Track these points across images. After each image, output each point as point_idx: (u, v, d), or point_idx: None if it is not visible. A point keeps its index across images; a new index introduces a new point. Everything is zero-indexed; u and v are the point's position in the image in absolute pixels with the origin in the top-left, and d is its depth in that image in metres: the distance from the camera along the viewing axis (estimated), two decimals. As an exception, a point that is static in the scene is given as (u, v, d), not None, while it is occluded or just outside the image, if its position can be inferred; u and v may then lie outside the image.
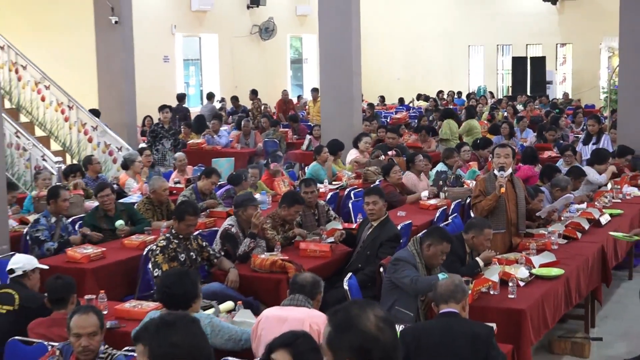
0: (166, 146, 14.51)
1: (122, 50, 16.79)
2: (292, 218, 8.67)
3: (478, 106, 22.04)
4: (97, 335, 5.11)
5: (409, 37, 30.30)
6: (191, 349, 2.79)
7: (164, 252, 7.44)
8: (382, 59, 28.56)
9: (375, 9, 26.26)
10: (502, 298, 6.53)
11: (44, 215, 8.95)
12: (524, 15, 29.00)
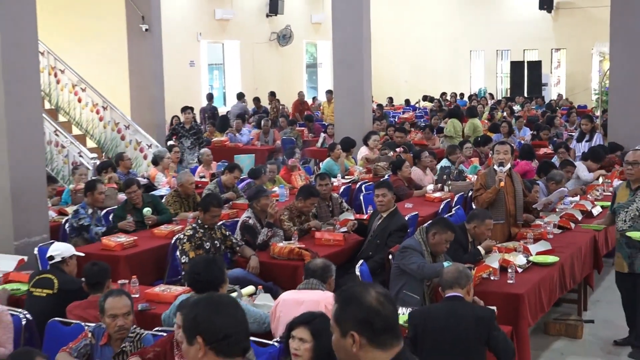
0: (185, 145, 14.50)
1: (151, 56, 16.82)
2: (308, 210, 8.68)
3: (479, 107, 21.97)
4: (130, 315, 5.17)
5: (415, 43, 30.26)
6: (237, 324, 2.80)
7: (191, 241, 7.48)
8: (391, 63, 28.50)
9: (384, 18, 26.18)
10: (502, 283, 6.53)
11: (81, 206, 8.99)
12: (522, 22, 28.94)
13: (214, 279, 5.67)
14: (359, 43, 14.71)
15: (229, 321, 2.79)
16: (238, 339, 2.78)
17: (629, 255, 6.79)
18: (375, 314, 2.72)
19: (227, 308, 2.83)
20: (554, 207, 9.35)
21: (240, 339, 2.79)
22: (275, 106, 22.76)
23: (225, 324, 2.77)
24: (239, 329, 2.80)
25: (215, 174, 11.91)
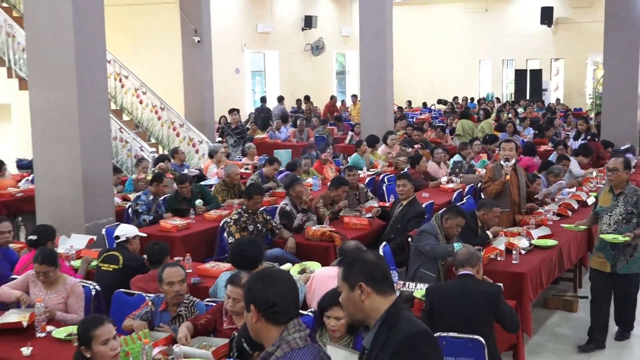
0: (229, 142, 14.58)
1: (202, 64, 16.89)
2: (339, 198, 8.66)
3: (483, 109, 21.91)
4: (185, 283, 5.21)
5: (431, 53, 30.17)
6: (284, 295, 2.92)
7: (237, 224, 7.53)
8: (410, 71, 28.38)
9: (404, 31, 26.09)
10: (507, 263, 6.55)
11: (144, 193, 9.06)
12: (525, 35, 28.77)
13: (254, 257, 5.74)
14: (382, 53, 14.67)
15: (277, 292, 2.88)
16: (284, 308, 2.87)
17: (613, 257, 6.43)
18: (375, 267, 2.96)
19: (277, 281, 2.93)
20: (553, 197, 9.31)
21: (287, 308, 2.88)
22: (309, 108, 22.82)
23: (273, 295, 2.86)
24: (286, 299, 2.89)
25: (257, 166, 11.97)
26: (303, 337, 2.90)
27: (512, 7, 29.64)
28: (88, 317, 4.34)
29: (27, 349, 4.85)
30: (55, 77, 8.16)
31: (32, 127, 8.47)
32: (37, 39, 8.27)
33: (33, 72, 8.45)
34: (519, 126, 17.06)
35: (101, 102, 8.51)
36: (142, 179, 10.72)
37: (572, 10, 28.24)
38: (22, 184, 11.11)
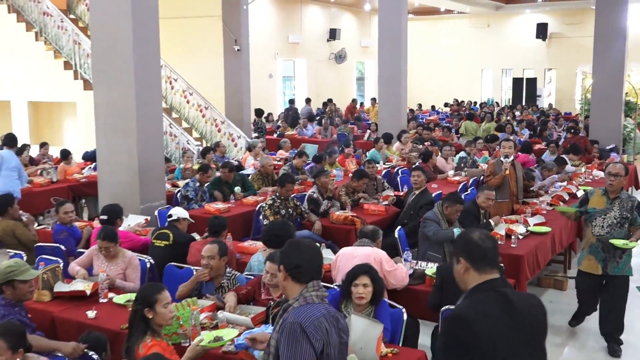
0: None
1: (241, 69, 16.92)
2: (360, 188, 8.64)
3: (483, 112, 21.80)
4: (214, 259, 5.12)
5: (440, 62, 30.05)
6: (307, 260, 3.11)
7: (271, 208, 7.55)
8: (421, 77, 28.15)
9: (417, 42, 25.87)
10: (507, 247, 6.51)
11: (192, 180, 9.08)
12: (522, 48, 28.61)
13: (286, 237, 5.71)
14: (398, 62, 14.63)
15: (302, 256, 3.08)
16: (307, 270, 3.06)
17: (603, 259, 5.97)
18: (475, 246, 2.88)
19: (304, 248, 3.16)
20: (547, 190, 9.25)
21: (309, 270, 3.06)
22: (332, 109, 22.79)
23: (299, 258, 3.07)
24: (310, 263, 3.08)
25: (288, 159, 11.98)
26: (319, 296, 3.04)
27: (511, 23, 29.43)
28: (151, 283, 4.38)
29: (92, 312, 4.90)
30: (116, 79, 8.21)
31: (96, 122, 8.53)
32: (101, 46, 8.32)
33: (97, 74, 8.50)
34: (517, 127, 16.92)
35: (155, 101, 8.54)
36: (189, 168, 10.80)
37: (564, 26, 28.00)
38: (85, 171, 11.23)
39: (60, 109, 17.16)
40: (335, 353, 2.97)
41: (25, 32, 15.18)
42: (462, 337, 2.72)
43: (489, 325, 2.73)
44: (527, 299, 3.01)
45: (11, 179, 9.09)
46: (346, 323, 3.14)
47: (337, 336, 3.00)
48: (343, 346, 3.08)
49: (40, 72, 15.09)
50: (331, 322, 3.00)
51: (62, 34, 14.62)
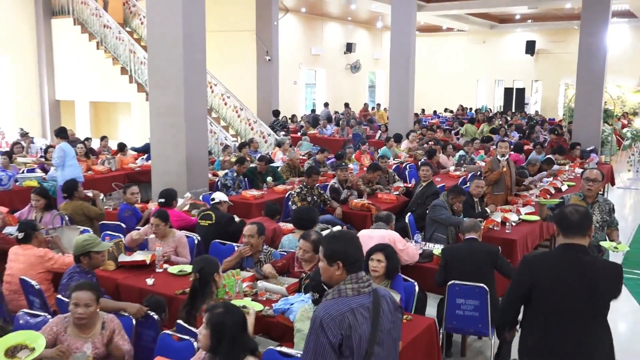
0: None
1: (270, 77, 17.04)
2: (374, 179, 8.66)
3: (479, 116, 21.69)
4: (254, 238, 5.13)
5: (441, 72, 29.94)
6: (361, 253, 2.83)
7: (299, 195, 7.58)
8: (425, 85, 28.03)
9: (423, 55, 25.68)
10: (502, 232, 6.52)
11: (230, 171, 9.14)
12: (513, 61, 28.43)
13: (311, 220, 5.79)
14: (406, 72, 14.63)
15: (358, 251, 2.78)
16: (360, 264, 2.76)
17: None
18: (564, 218, 3.27)
19: (357, 243, 2.81)
20: (536, 184, 9.22)
21: (360, 264, 2.76)
22: (348, 112, 22.77)
23: (356, 253, 2.75)
24: (361, 257, 2.79)
25: (311, 154, 12.01)
26: (355, 288, 2.69)
27: (504, 40, 29.22)
28: (201, 257, 4.40)
29: (150, 280, 4.99)
30: (169, 83, 8.29)
31: (151, 120, 8.63)
32: (157, 56, 8.40)
33: (152, 79, 8.57)
34: (507, 130, 16.81)
35: (200, 102, 8.60)
36: (227, 161, 10.87)
37: (550, 43, 27.78)
38: (138, 161, 11.33)
39: (116, 108, 17.32)
40: (363, 342, 2.64)
41: (88, 41, 15.30)
42: (522, 275, 3.29)
43: (548, 271, 3.20)
44: (604, 266, 3.26)
45: (75, 167, 9.15)
46: (392, 305, 2.80)
47: (371, 325, 2.66)
48: (390, 327, 2.78)
49: (100, 76, 15.21)
50: (362, 314, 2.65)
51: (120, 44, 14.73)
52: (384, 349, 2.71)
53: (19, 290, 5.02)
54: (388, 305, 2.76)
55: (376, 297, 2.71)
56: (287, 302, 4.19)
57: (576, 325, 3.12)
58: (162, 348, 3.72)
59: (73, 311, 3.65)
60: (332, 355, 2.58)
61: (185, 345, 3.64)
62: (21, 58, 15.77)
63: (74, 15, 15.55)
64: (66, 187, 7.17)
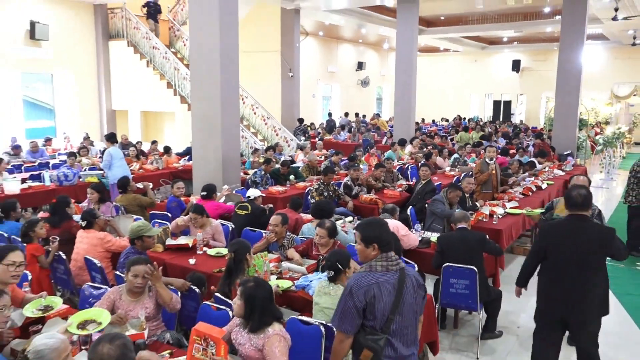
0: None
1: (293, 90, 17.08)
2: (379, 175, 8.71)
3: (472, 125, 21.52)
4: (278, 227, 5.18)
5: (439, 86, 29.81)
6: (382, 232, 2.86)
7: (317, 191, 7.63)
8: (424, 98, 27.96)
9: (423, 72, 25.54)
10: (490, 223, 6.52)
11: (258, 170, 9.18)
12: (500, 78, 28.22)
13: (328, 211, 5.80)
14: (409, 86, 14.62)
15: (390, 235, 2.87)
16: (391, 245, 2.84)
17: None
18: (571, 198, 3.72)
19: (387, 228, 2.88)
20: (519, 183, 9.17)
21: (391, 245, 2.84)
22: (358, 121, 22.74)
23: (388, 237, 2.84)
24: (381, 238, 2.82)
25: (327, 156, 12.03)
26: (384, 265, 2.76)
27: (493, 59, 29.01)
28: (236, 240, 4.43)
29: (192, 260, 5.08)
30: (208, 96, 8.34)
31: (192, 127, 8.68)
32: (198, 73, 8.46)
33: (194, 92, 8.63)
34: (495, 137, 16.71)
35: (234, 112, 8.62)
36: (256, 161, 10.91)
37: (533, 62, 27.55)
38: (181, 162, 11.45)
39: (162, 117, 17.48)
40: (386, 311, 2.71)
41: (139, 60, 15.44)
42: (540, 240, 3.90)
43: (557, 234, 3.76)
44: (599, 229, 3.73)
45: (122, 168, 9.10)
46: (416, 283, 2.81)
47: (393, 296, 2.72)
48: (412, 301, 2.79)
49: (149, 90, 15.33)
50: (387, 288, 2.72)
51: (166, 62, 14.85)
52: (404, 318, 2.77)
53: (84, 267, 5.15)
54: (412, 282, 2.81)
55: (402, 274, 2.78)
56: (307, 280, 4.25)
57: (575, 272, 3.67)
58: (203, 316, 3.79)
59: (132, 281, 3.70)
60: (356, 317, 2.71)
61: (222, 314, 3.71)
62: (84, 74, 15.99)
63: (128, 38, 15.71)
64: (121, 183, 7.29)
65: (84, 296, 4.21)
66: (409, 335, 2.79)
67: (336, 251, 3.98)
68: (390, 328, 2.72)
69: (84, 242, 5.28)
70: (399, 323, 2.75)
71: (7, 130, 13.99)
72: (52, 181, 8.94)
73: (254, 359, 3.01)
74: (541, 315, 3.91)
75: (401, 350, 2.77)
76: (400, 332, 2.76)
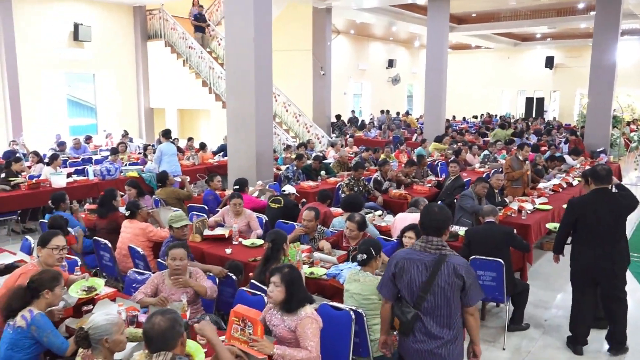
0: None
1: (324, 88, 17.19)
2: (411, 172, 8.77)
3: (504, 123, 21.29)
4: (311, 222, 5.33)
5: (470, 83, 29.51)
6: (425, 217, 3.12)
7: (347, 186, 7.76)
8: (455, 95, 27.78)
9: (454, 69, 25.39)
10: (519, 218, 6.52)
11: (291, 166, 9.33)
12: (533, 74, 27.81)
13: (358, 205, 5.92)
14: (440, 84, 14.59)
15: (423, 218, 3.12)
16: (423, 227, 3.10)
17: None
18: (596, 173, 4.52)
19: (429, 212, 3.11)
20: (550, 179, 9.11)
21: (425, 228, 3.08)
22: (388, 118, 22.77)
23: (422, 219, 3.11)
24: (426, 223, 3.09)
25: (357, 152, 12.12)
26: (422, 246, 2.99)
27: (526, 56, 28.56)
28: (282, 232, 4.53)
29: (229, 249, 5.28)
30: (243, 94, 8.49)
31: (227, 124, 8.87)
32: (233, 72, 8.63)
33: (229, 91, 8.79)
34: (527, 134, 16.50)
35: (267, 110, 8.74)
36: (288, 157, 11.07)
37: (567, 58, 27.02)
38: (216, 158, 11.73)
39: (198, 114, 17.88)
40: (415, 287, 2.94)
41: (176, 60, 15.81)
42: (569, 213, 4.66)
43: (585, 206, 4.52)
44: (624, 196, 4.56)
45: (171, 163, 9.39)
46: (453, 271, 2.91)
47: (426, 276, 2.92)
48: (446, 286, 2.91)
49: (185, 88, 15.66)
50: (418, 266, 2.94)
51: (201, 61, 15.17)
52: (435, 299, 2.92)
53: (127, 255, 5.42)
54: (450, 269, 2.91)
55: (441, 259, 2.93)
56: (337, 269, 4.40)
57: (603, 238, 4.47)
58: (239, 301, 3.96)
59: (171, 265, 3.89)
60: (390, 284, 3.09)
61: (257, 299, 3.89)
62: (123, 74, 16.48)
63: (165, 38, 16.11)
64: (159, 178, 7.59)
65: (129, 281, 4.47)
66: (442, 317, 2.92)
67: (370, 239, 4.12)
68: (421, 305, 2.93)
69: (127, 232, 5.56)
70: (430, 302, 2.92)
71: (52, 128, 14.57)
72: (96, 175, 9.32)
73: (287, 339, 3.19)
74: (577, 276, 4.68)
75: (431, 329, 2.93)
76: (432, 312, 2.92)
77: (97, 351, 2.75)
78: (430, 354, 2.93)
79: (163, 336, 2.47)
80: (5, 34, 13.34)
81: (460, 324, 2.99)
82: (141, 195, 6.97)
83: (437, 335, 2.93)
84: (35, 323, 3.07)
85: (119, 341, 2.78)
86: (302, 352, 3.05)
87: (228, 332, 3.19)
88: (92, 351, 2.77)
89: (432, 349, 2.93)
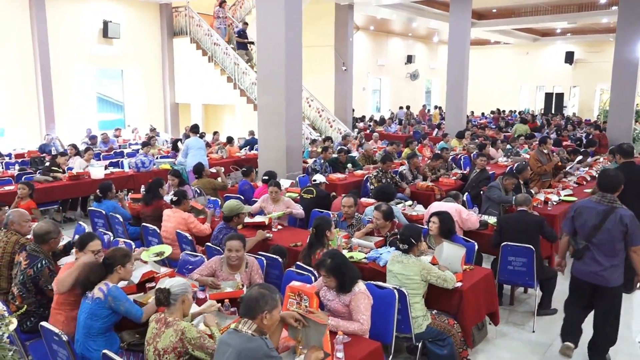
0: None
1: (346, 84, 17.39)
2: (437, 166, 8.96)
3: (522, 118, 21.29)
4: (351, 208, 5.55)
5: (490, 79, 29.46)
6: None
7: (376, 178, 7.94)
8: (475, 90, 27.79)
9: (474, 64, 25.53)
10: (545, 209, 6.66)
11: (318, 158, 9.53)
12: (553, 70, 27.72)
13: (390, 194, 6.12)
14: (461, 79, 14.67)
15: None
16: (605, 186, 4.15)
17: None
18: (624, 149, 5.82)
19: (610, 173, 4.18)
20: (572, 172, 9.24)
21: (607, 186, 4.13)
22: (408, 113, 22.91)
23: None
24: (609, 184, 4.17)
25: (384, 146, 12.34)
26: (598, 200, 4.09)
27: (545, 51, 28.45)
28: (327, 218, 4.74)
29: (269, 234, 5.57)
30: (273, 90, 8.70)
31: (258, 118, 9.07)
32: (264, 68, 8.83)
33: (260, 86, 8.96)
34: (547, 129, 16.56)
35: (297, 105, 8.90)
36: (314, 151, 11.32)
37: (587, 53, 26.85)
38: (243, 151, 12.03)
39: (223, 109, 18.19)
40: (587, 226, 4.06)
41: (202, 56, 16.10)
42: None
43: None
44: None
45: (198, 156, 9.57)
46: (619, 220, 3.93)
47: (597, 220, 4.00)
48: (611, 228, 3.93)
49: (210, 84, 15.91)
50: (590, 212, 4.06)
51: (226, 57, 15.41)
52: (603, 237, 4.00)
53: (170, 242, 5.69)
54: (616, 217, 3.94)
55: (610, 209, 4.00)
56: (377, 252, 4.65)
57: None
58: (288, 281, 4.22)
59: (228, 255, 4.15)
60: (569, 221, 4.27)
61: (304, 278, 4.15)
62: (150, 70, 16.85)
63: (191, 35, 16.40)
64: (196, 169, 7.89)
65: (182, 262, 4.77)
66: (607, 250, 4.01)
67: (410, 226, 4.33)
68: (591, 240, 4.06)
69: (170, 221, 5.82)
70: (598, 239, 4.02)
71: (83, 122, 14.99)
72: (130, 167, 9.67)
73: (341, 312, 3.45)
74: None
75: (599, 258, 4.06)
76: (599, 246, 4.03)
77: (174, 308, 3.04)
78: (595, 274, 4.08)
79: (248, 304, 2.69)
80: (38, 31, 13.76)
81: (620, 257, 4.00)
82: (182, 184, 7.27)
83: (600, 262, 4.03)
84: (112, 294, 3.37)
85: (190, 303, 3.07)
86: (355, 324, 3.32)
87: (284, 306, 3.44)
88: (167, 310, 3.05)
89: (597, 271, 4.07)
